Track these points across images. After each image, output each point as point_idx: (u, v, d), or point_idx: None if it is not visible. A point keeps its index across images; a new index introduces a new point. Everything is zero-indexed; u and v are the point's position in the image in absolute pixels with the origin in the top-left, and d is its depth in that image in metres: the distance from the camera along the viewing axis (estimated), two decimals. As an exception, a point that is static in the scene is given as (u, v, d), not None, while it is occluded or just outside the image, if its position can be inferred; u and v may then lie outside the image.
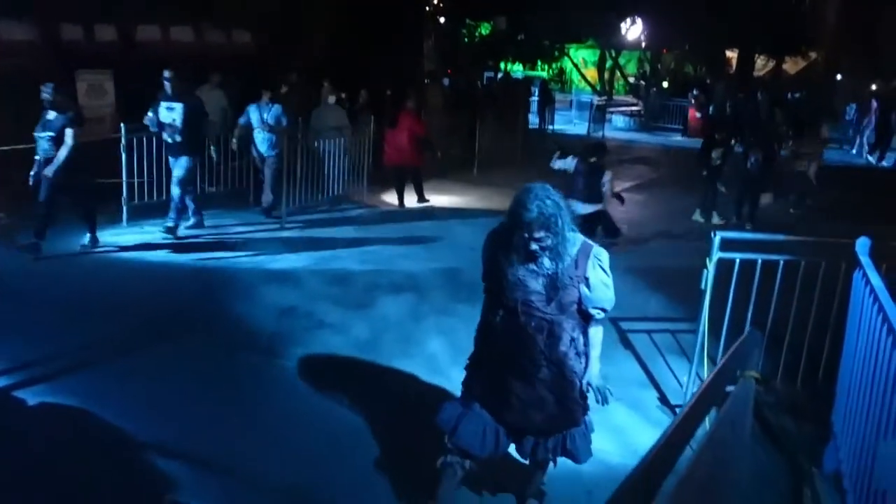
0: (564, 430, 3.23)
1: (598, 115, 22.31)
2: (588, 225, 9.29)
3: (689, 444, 1.49)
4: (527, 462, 3.42)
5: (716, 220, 10.48)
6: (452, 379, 4.91)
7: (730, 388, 1.89)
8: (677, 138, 22.09)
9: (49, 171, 7.13)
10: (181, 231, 8.41)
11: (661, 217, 10.94)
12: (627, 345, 5.73)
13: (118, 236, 8.21)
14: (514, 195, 3.07)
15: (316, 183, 10.27)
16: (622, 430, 4.37)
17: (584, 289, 3.06)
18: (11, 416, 4.25)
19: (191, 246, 8.09)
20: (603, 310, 3.16)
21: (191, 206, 8.60)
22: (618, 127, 23.78)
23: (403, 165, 10.78)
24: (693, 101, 22.25)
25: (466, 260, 8.01)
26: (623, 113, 25.84)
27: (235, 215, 9.49)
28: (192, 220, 8.69)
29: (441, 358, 5.28)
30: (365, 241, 8.85)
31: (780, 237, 4.85)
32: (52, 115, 7.23)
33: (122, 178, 8.61)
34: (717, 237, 4.45)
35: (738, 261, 4.57)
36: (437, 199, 11.34)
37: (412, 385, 4.82)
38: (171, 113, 8.06)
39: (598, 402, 3.26)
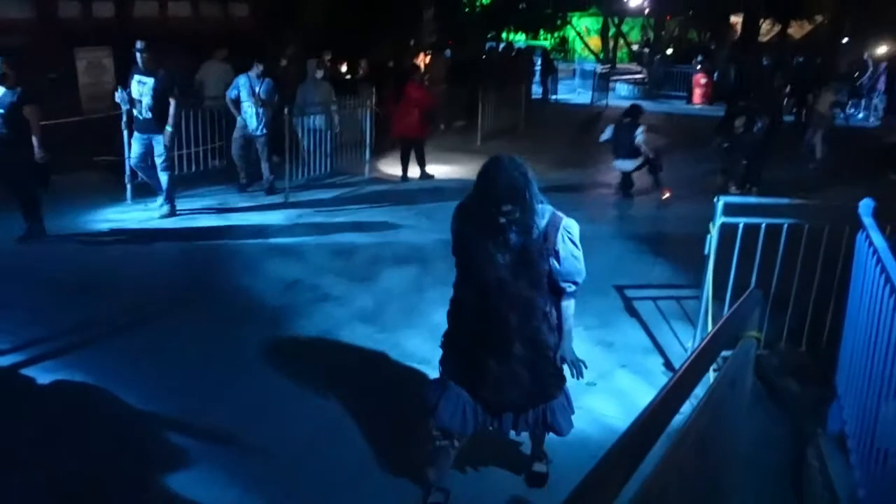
0: (542, 405, 3.21)
1: (602, 84, 22.12)
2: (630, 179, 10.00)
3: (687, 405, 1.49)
4: (511, 437, 3.41)
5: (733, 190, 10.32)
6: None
7: (728, 353, 1.90)
8: (682, 105, 21.93)
9: None
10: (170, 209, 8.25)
11: (666, 184, 10.88)
12: (632, 312, 5.74)
13: (122, 214, 8.23)
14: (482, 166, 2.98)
15: (318, 157, 10.25)
16: (627, 395, 4.40)
17: (553, 262, 2.99)
18: (19, 393, 4.29)
19: (194, 222, 8.11)
20: (574, 283, 3.08)
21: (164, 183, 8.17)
22: (621, 95, 23.57)
23: (409, 137, 10.77)
24: (698, 68, 22.05)
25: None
26: (627, 81, 25.62)
27: (237, 191, 9.48)
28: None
29: (444, 327, 5.29)
30: (368, 213, 8.86)
31: (784, 201, 4.82)
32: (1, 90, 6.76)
33: (124, 155, 8.59)
34: (721, 202, 4.44)
35: (741, 225, 4.56)
36: (441, 170, 11.30)
37: (417, 355, 4.85)
38: (141, 87, 7.78)
39: (573, 376, 3.21)
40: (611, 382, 4.57)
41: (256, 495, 3.44)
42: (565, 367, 3.22)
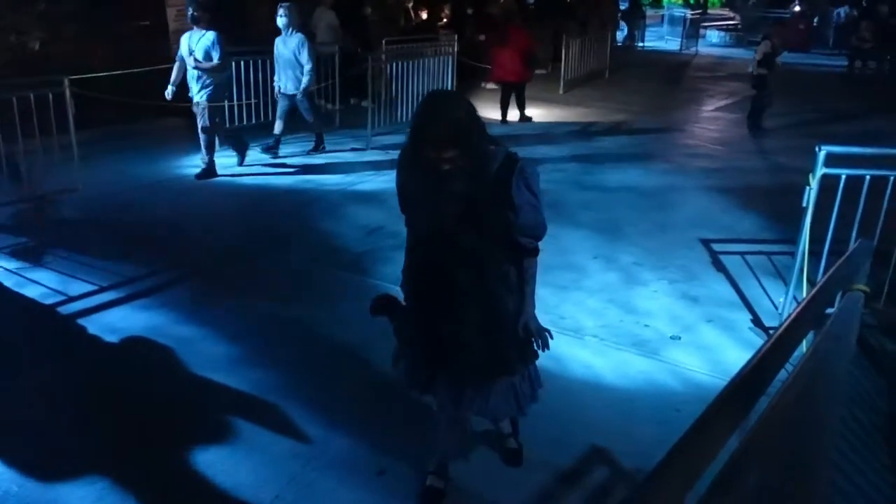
0: (501, 378, 2.77)
1: (692, 31, 21.27)
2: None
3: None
4: (466, 413, 2.95)
5: None
6: (539, 297, 4.89)
7: (831, 310, 1.81)
8: (777, 52, 20.88)
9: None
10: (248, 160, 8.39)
11: (755, 135, 10.44)
12: (719, 266, 5.57)
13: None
14: (419, 106, 2.54)
15: (401, 103, 10.22)
16: (712, 350, 4.29)
17: (510, 213, 2.52)
18: (114, 329, 4.51)
19: (281, 168, 8.27)
20: (534, 237, 2.63)
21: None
22: (712, 42, 22.63)
23: (510, 81, 10.88)
24: (795, 12, 20.88)
25: (549, 181, 7.90)
26: (718, 27, 24.55)
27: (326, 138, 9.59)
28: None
29: (526, 277, 5.27)
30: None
31: (892, 151, 4.53)
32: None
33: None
34: (822, 151, 4.19)
35: (843, 177, 4.31)
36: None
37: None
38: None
39: (536, 347, 2.78)
40: (695, 336, 4.47)
41: (336, 434, 3.51)
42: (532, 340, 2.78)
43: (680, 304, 4.90)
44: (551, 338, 2.76)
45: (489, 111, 10.63)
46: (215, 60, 7.38)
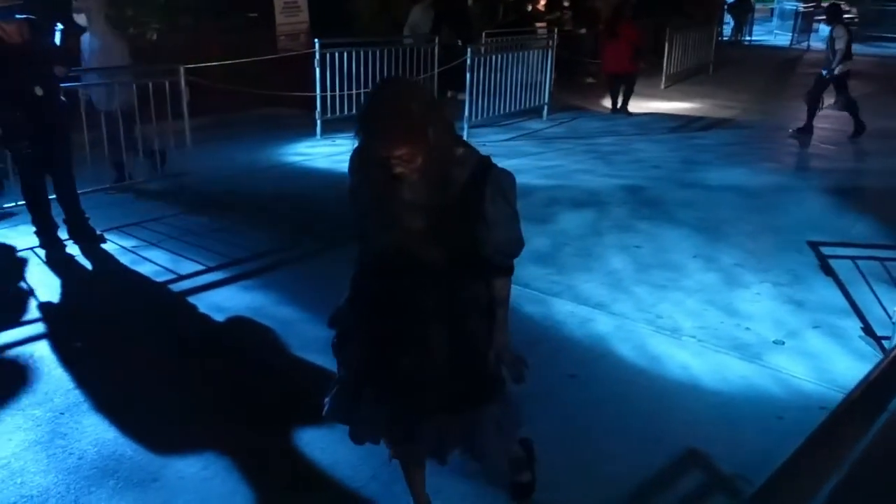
0: (474, 409, 2.33)
1: (804, 25, 20.33)
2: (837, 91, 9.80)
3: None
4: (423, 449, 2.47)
5: None
6: (634, 295, 4.84)
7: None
8: (897, 49, 19.70)
9: None
10: None
11: (871, 135, 9.90)
12: (828, 271, 5.32)
13: (312, 148, 8.69)
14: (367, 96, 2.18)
15: (499, 97, 10.21)
16: (818, 357, 4.10)
17: (481, 227, 2.16)
18: (213, 309, 4.70)
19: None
20: (508, 255, 2.27)
21: None
22: (825, 37, 21.53)
23: (620, 73, 11.23)
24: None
25: (648, 177, 7.76)
26: (833, 21, 23.31)
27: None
28: None
29: (623, 273, 5.19)
30: (544, 155, 8.79)
31: None
32: None
33: (315, 92, 9.02)
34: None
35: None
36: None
37: (592, 299, 4.78)
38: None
39: (512, 379, 2.37)
40: (800, 342, 4.29)
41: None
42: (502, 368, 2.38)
43: (784, 309, 4.71)
44: (526, 368, 2.36)
45: (591, 103, 10.53)
46: None
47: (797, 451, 1.08)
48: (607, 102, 11.80)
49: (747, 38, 21.02)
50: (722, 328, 4.41)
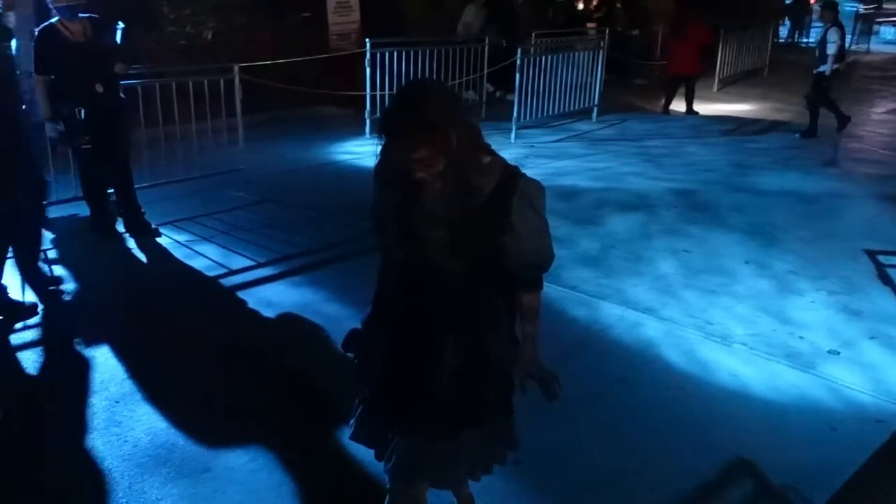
0: (471, 431, 2.20)
1: (864, 26, 19.77)
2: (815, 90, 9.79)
3: None
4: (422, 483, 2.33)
5: None
6: (684, 300, 4.77)
7: None
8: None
9: None
10: None
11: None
12: (886, 280, 5.17)
13: (361, 147, 8.76)
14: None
15: (548, 97, 10.16)
16: (875, 368, 3.99)
17: (507, 238, 2.04)
18: (262, 304, 4.77)
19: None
20: (538, 268, 2.15)
21: None
22: (886, 39, 20.93)
23: (687, 73, 11.25)
24: None
25: (700, 181, 7.65)
26: (894, 23, 22.63)
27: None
28: None
29: (672, 278, 5.12)
30: (593, 157, 8.72)
31: None
32: None
33: (365, 91, 9.10)
34: None
35: None
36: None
37: (641, 304, 4.72)
38: None
39: (545, 396, 2.21)
40: (856, 353, 4.18)
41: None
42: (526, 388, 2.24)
43: (840, 318, 4.59)
44: (559, 386, 2.21)
45: (642, 105, 10.41)
46: None
47: (866, 465, 1.06)
48: (659, 104, 11.65)
49: (805, 39, 20.51)
50: (774, 336, 4.32)
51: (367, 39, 9.15)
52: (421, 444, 2.21)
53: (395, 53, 9.28)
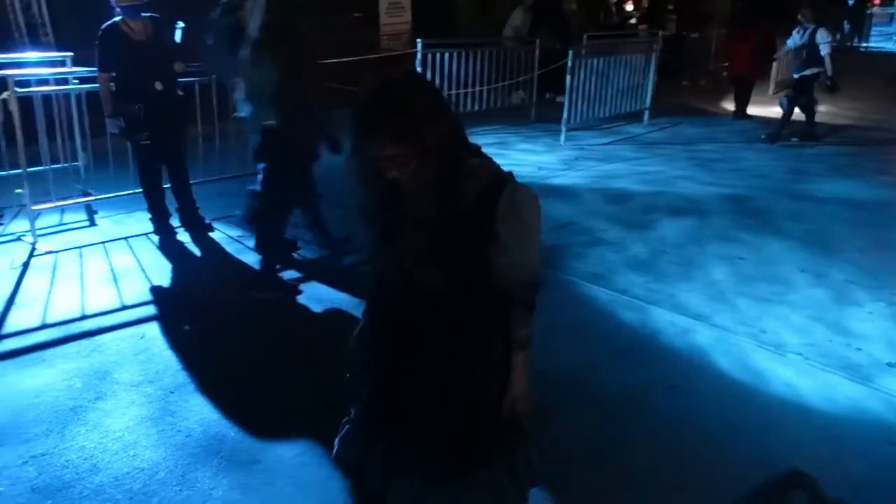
0: (478, 472, 2.02)
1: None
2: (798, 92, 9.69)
3: None
4: None
5: None
6: (737, 307, 4.69)
7: None
8: None
9: None
10: None
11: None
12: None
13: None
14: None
15: (598, 100, 10.08)
16: (935, 383, 3.87)
17: (492, 249, 1.84)
18: (312, 300, 4.83)
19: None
20: (530, 286, 1.94)
21: None
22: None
23: (748, 76, 11.23)
24: None
25: (753, 187, 7.51)
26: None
27: (516, 131, 9.69)
28: None
29: (724, 284, 5.03)
30: (644, 161, 8.63)
31: None
32: None
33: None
34: None
35: None
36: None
37: (692, 309, 4.65)
38: None
39: (534, 430, 2.09)
40: (913, 364, 4.06)
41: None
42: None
43: (900, 329, 4.47)
44: (551, 422, 2.12)
45: (695, 109, 10.26)
46: None
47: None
48: (713, 108, 11.50)
49: (864, 44, 19.97)
50: (830, 347, 4.22)
51: (418, 40, 9.19)
52: (422, 489, 2.04)
53: (446, 54, 9.30)
